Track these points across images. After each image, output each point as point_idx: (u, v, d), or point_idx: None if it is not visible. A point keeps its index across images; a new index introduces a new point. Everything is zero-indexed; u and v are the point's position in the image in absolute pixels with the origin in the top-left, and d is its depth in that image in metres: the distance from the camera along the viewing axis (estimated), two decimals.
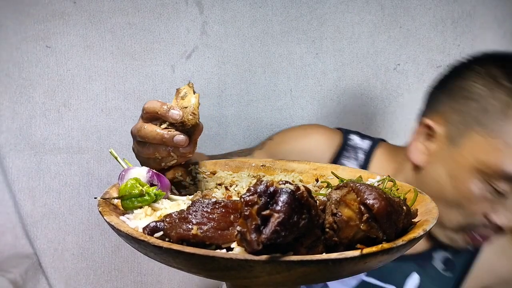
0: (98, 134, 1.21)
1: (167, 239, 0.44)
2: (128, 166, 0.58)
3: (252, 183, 0.63)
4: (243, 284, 0.43)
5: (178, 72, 1.23)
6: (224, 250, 0.42)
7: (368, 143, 1.00)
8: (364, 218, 0.42)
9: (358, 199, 0.43)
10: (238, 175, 0.66)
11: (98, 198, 0.52)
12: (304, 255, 0.39)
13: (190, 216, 0.44)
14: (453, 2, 1.33)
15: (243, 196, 0.40)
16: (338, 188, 0.46)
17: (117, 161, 0.59)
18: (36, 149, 1.18)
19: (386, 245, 0.41)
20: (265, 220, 0.38)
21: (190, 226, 0.43)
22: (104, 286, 1.25)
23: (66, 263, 1.22)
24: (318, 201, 0.45)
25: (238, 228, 0.40)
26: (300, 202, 0.40)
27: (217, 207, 0.44)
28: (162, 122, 0.59)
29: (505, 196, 0.79)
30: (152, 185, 0.55)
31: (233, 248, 0.42)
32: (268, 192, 0.39)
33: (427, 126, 0.87)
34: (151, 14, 1.19)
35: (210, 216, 0.44)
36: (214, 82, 1.26)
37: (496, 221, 0.80)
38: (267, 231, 0.38)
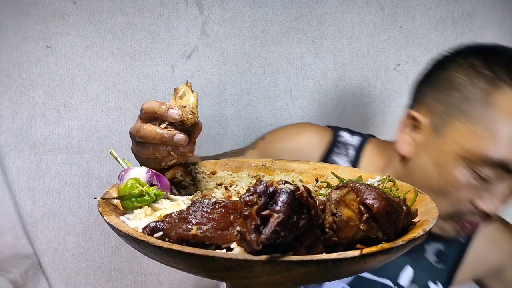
0: (98, 134, 1.21)
1: (167, 239, 0.44)
2: (128, 166, 0.58)
3: (252, 183, 0.63)
4: (243, 284, 0.43)
5: (178, 72, 1.23)
6: (224, 250, 0.42)
7: (358, 139, 1.01)
8: (364, 218, 0.42)
9: (358, 199, 0.43)
10: (238, 175, 0.66)
11: (98, 198, 0.52)
12: (304, 255, 0.39)
13: (190, 216, 0.44)
14: (453, 2, 1.33)
15: (242, 196, 0.40)
16: (338, 188, 0.46)
17: (117, 161, 0.59)
18: (36, 149, 1.18)
19: (386, 245, 0.41)
20: (264, 220, 0.38)
21: (190, 226, 0.43)
22: (104, 286, 1.25)
23: (66, 263, 1.22)
24: (318, 201, 0.45)
25: (238, 228, 0.40)
26: (300, 202, 0.40)
27: (217, 207, 0.44)
28: (161, 122, 0.59)
29: (489, 182, 0.79)
30: (151, 185, 0.55)
31: (233, 248, 0.42)
32: (268, 192, 0.39)
33: (413, 117, 0.88)
34: (151, 14, 1.19)
35: (210, 216, 0.44)
36: (214, 82, 1.26)
37: (483, 207, 0.81)
38: (267, 231, 0.38)
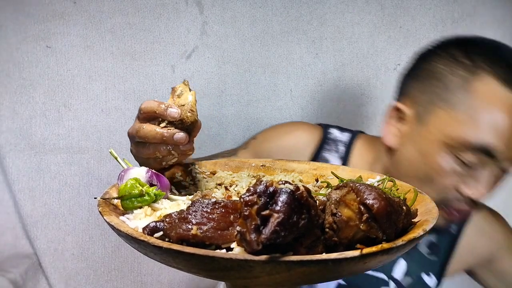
0: (98, 134, 1.21)
1: (167, 239, 0.43)
2: (128, 166, 0.58)
3: (252, 183, 0.63)
4: (243, 284, 0.43)
5: (178, 72, 1.23)
6: (224, 250, 0.42)
7: (347, 135, 1.04)
8: (364, 218, 0.42)
9: (358, 199, 0.43)
10: (238, 175, 0.66)
11: (98, 198, 0.52)
12: (304, 255, 0.39)
13: (190, 216, 0.44)
14: (453, 2, 1.33)
15: (242, 196, 0.40)
16: (338, 188, 0.46)
17: (117, 161, 0.59)
18: (36, 149, 1.18)
19: (386, 245, 0.41)
20: (264, 220, 0.38)
21: (190, 226, 0.43)
22: (104, 286, 1.25)
23: (66, 263, 1.22)
24: (318, 201, 0.45)
25: (238, 228, 0.40)
26: (300, 202, 0.40)
27: (217, 207, 0.44)
28: (161, 121, 0.59)
29: (473, 168, 0.81)
30: (151, 185, 0.55)
31: (233, 248, 0.42)
32: (268, 192, 0.39)
33: (398, 109, 0.91)
34: (151, 14, 1.19)
35: (210, 216, 0.44)
36: (214, 82, 1.26)
37: (468, 193, 0.82)
38: (267, 231, 0.38)
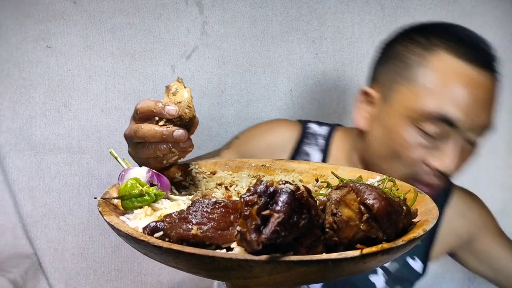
0: (98, 134, 1.21)
1: (167, 239, 0.43)
2: (128, 166, 0.58)
3: (252, 183, 0.63)
4: (243, 284, 0.43)
5: (178, 72, 1.23)
6: (224, 250, 0.42)
7: (326, 128, 1.08)
8: (364, 218, 0.42)
9: (358, 199, 0.43)
10: (238, 175, 0.66)
11: (98, 198, 0.52)
12: (304, 255, 0.39)
13: (190, 216, 0.44)
14: (453, 2, 1.33)
15: (243, 196, 0.40)
16: (338, 188, 0.46)
17: (117, 161, 0.58)
18: (36, 149, 1.18)
19: (386, 245, 0.41)
20: (265, 220, 0.38)
21: (190, 226, 0.43)
22: (104, 286, 1.25)
23: (66, 263, 1.22)
24: (318, 201, 0.45)
25: (238, 228, 0.40)
26: (300, 202, 0.40)
27: (217, 207, 0.44)
28: (158, 120, 0.59)
29: (436, 139, 0.85)
30: (152, 185, 0.55)
31: (233, 248, 0.42)
32: (268, 192, 0.39)
33: (366, 93, 0.96)
34: (151, 14, 1.19)
35: (210, 216, 0.44)
36: (214, 82, 1.26)
37: (435, 165, 0.86)
38: (267, 231, 0.38)
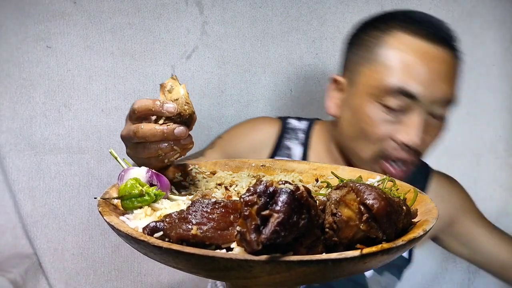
0: (98, 134, 1.20)
1: (167, 239, 0.43)
2: (128, 166, 0.58)
3: (252, 183, 0.63)
4: (243, 284, 0.43)
5: (178, 72, 1.23)
6: (224, 250, 0.42)
7: (305, 123, 1.12)
8: (364, 218, 0.42)
9: (358, 199, 0.43)
10: (238, 175, 0.66)
11: (98, 198, 0.52)
12: (304, 255, 0.39)
13: (190, 216, 0.44)
14: (453, 2, 1.33)
15: (242, 196, 0.40)
16: (338, 188, 0.46)
17: (117, 161, 0.58)
18: (36, 149, 1.18)
19: (386, 245, 0.41)
20: (264, 220, 0.38)
21: (190, 226, 0.43)
22: (104, 286, 1.25)
23: (66, 263, 1.22)
24: (318, 201, 0.45)
25: (238, 228, 0.40)
26: (300, 202, 0.40)
27: (217, 207, 0.44)
28: (157, 119, 0.59)
29: (400, 112, 0.88)
30: (151, 185, 0.55)
31: (233, 248, 0.42)
32: (268, 192, 0.39)
33: (336, 80, 1.00)
34: (151, 14, 1.19)
35: (210, 216, 0.44)
36: (214, 82, 1.26)
37: (402, 139, 0.88)
38: (267, 231, 0.38)
